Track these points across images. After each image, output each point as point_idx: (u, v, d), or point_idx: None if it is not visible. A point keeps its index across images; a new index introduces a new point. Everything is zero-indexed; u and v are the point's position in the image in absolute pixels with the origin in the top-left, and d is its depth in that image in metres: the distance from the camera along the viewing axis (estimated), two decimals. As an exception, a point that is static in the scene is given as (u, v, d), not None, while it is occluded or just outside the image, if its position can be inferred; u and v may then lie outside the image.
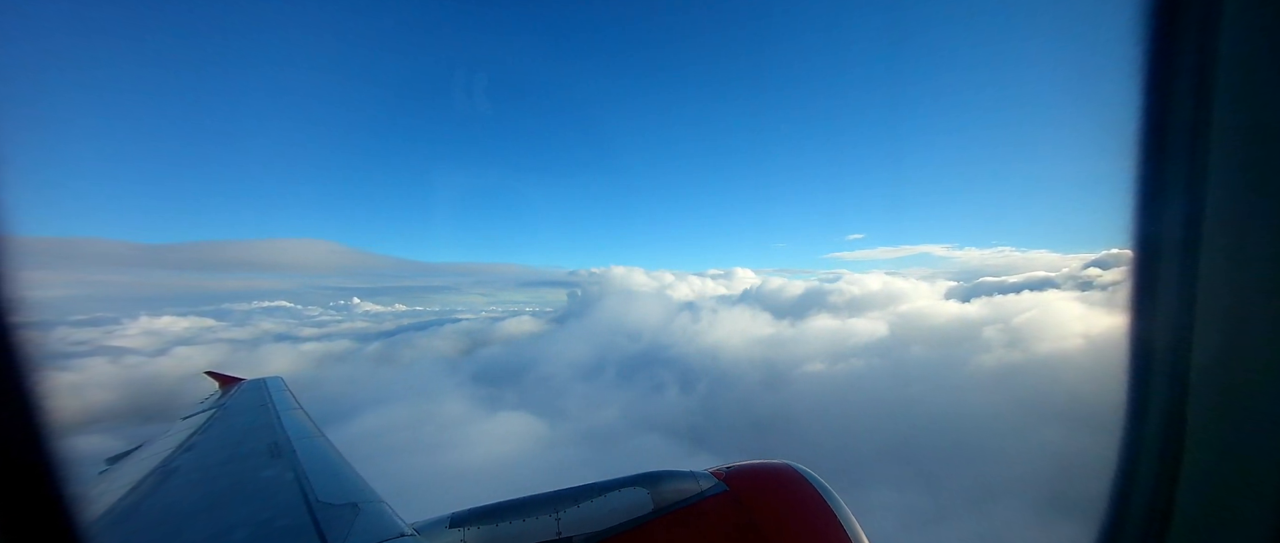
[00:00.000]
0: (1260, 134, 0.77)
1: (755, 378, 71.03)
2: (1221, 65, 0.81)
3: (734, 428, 56.11)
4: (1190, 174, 0.87)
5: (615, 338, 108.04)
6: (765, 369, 73.87)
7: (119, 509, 2.89)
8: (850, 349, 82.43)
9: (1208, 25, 0.82)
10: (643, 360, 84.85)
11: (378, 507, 2.67)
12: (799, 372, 71.55)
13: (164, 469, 3.55)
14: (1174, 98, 0.89)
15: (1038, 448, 47.15)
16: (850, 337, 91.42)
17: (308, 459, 3.48)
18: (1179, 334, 0.91)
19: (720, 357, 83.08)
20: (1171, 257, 0.92)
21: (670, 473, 2.89)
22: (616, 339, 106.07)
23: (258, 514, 2.66)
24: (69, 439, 0.84)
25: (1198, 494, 0.91)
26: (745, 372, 73.97)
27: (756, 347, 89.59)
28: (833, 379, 68.31)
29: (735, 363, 78.69)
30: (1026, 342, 77.20)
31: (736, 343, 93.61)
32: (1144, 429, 1.02)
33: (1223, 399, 0.86)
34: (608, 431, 52.72)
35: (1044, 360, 70.84)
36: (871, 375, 68.49)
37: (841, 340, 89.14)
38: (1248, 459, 0.82)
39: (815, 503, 2.75)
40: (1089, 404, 55.57)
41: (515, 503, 2.72)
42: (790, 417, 57.57)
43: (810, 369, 72.16)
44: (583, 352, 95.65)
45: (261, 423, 4.64)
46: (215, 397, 6.40)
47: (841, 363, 74.29)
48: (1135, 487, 1.04)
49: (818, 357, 78.52)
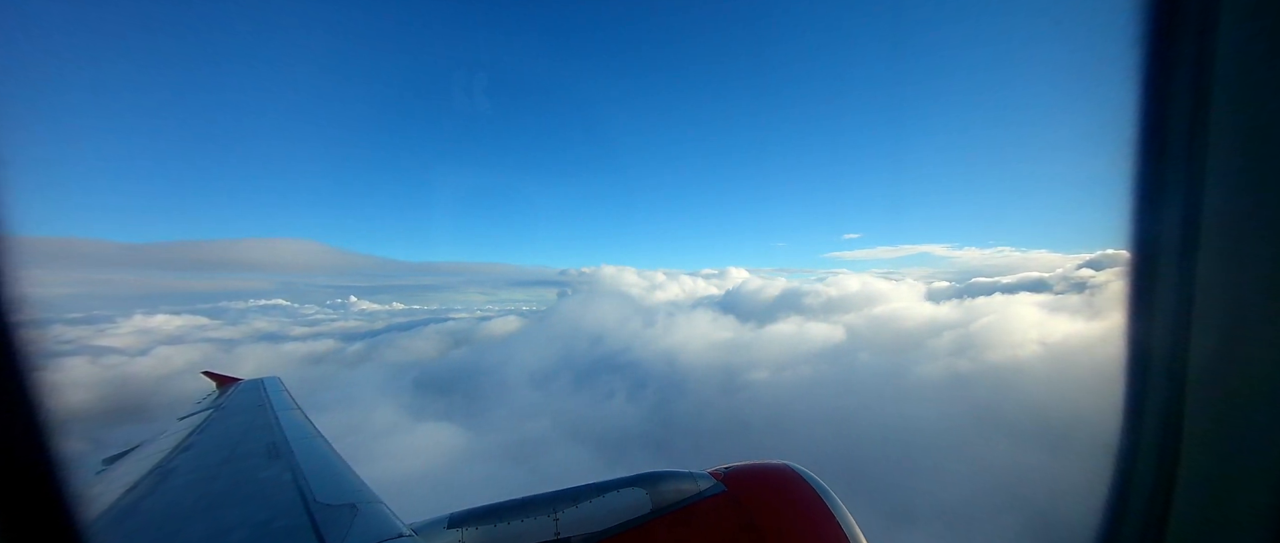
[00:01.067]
0: (1258, 135, 0.76)
1: (700, 386, 70.61)
2: (1219, 67, 0.80)
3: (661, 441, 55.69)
4: (1188, 175, 0.87)
5: (577, 342, 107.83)
6: (712, 377, 73.44)
7: (117, 509, 2.88)
8: (801, 356, 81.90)
9: (1206, 27, 0.81)
10: (597, 366, 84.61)
11: (376, 507, 2.65)
12: (743, 380, 71.08)
13: (162, 470, 3.54)
14: (1172, 99, 0.89)
15: (969, 465, 46.53)
16: (804, 342, 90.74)
17: (306, 460, 3.50)
18: (1177, 335, 0.91)
19: (674, 363, 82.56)
20: (1169, 258, 0.91)
21: (669, 473, 2.91)
22: (578, 343, 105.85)
23: (256, 515, 2.64)
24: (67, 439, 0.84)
25: (1195, 496, 0.91)
26: (692, 379, 73.52)
27: (712, 352, 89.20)
28: (772, 388, 67.83)
29: (686, 369, 78.17)
30: (978, 349, 76.40)
31: (694, 348, 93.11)
32: (1141, 431, 1.01)
33: (1221, 401, 0.85)
34: (531, 443, 52.45)
35: (992, 369, 70.03)
36: (812, 385, 67.91)
37: (795, 346, 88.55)
38: (1245, 461, 0.81)
39: (814, 504, 2.76)
40: (1032, 416, 55.09)
41: (514, 504, 2.72)
42: (721, 427, 57.14)
43: (754, 377, 71.66)
44: (541, 357, 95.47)
45: (259, 423, 4.63)
46: (213, 397, 6.33)
47: (787, 371, 73.76)
48: (1133, 488, 1.03)
49: (767, 364, 78.00)
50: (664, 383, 72.43)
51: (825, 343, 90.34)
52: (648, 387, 70.60)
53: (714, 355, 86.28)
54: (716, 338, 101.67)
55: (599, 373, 79.62)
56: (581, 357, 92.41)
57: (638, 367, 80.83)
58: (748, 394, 66.85)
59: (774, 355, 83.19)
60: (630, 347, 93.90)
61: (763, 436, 52.82)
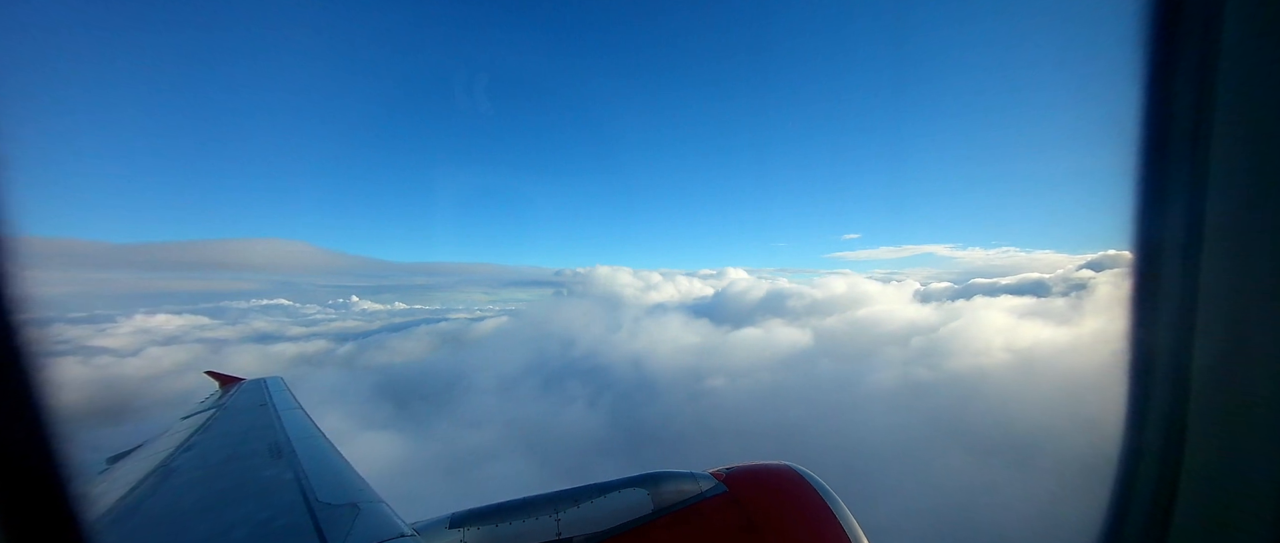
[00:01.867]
0: (1262, 137, 0.76)
1: (658, 393, 70.35)
2: (1223, 68, 0.80)
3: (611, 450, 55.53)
4: (1192, 177, 0.86)
5: (550, 346, 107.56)
6: (672, 384, 73.15)
7: (120, 509, 2.89)
8: (763, 362, 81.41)
9: (1209, 28, 0.81)
10: (561, 373, 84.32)
11: (377, 507, 2.66)
12: (700, 387, 70.81)
13: (164, 469, 3.56)
14: (1175, 101, 0.89)
15: (911, 481, 45.99)
16: (769, 348, 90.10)
17: (308, 459, 3.51)
18: (1180, 336, 0.91)
19: (638, 368, 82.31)
20: (1173, 259, 0.91)
21: (670, 474, 2.92)
22: (550, 348, 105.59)
23: (257, 514, 2.66)
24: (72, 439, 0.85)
25: (1198, 498, 0.91)
26: (652, 386, 73.26)
27: (678, 357, 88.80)
28: (725, 396, 67.48)
29: (647, 376, 77.92)
30: (940, 357, 75.67)
31: (661, 353, 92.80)
32: (1144, 433, 1.01)
33: (1224, 403, 0.85)
34: (471, 455, 52.46)
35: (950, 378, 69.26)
36: (765, 393, 67.48)
37: (760, 352, 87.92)
38: (1249, 463, 0.81)
39: (815, 505, 2.75)
40: (982, 428, 54.29)
41: (515, 504, 2.73)
42: (670, 436, 56.88)
43: (711, 384, 71.35)
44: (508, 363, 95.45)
45: (262, 423, 4.64)
46: (216, 397, 6.41)
47: (745, 378, 73.33)
48: (1135, 490, 1.04)
49: (728, 370, 77.60)
50: (623, 390, 72.34)
51: (790, 348, 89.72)
52: (606, 394, 70.48)
53: (680, 361, 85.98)
54: (686, 343, 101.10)
55: (562, 379, 79.37)
56: (548, 363, 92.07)
57: (600, 373, 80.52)
58: (702, 402, 66.59)
59: (736, 362, 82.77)
60: (596, 352, 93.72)
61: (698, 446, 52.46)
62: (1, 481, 0.78)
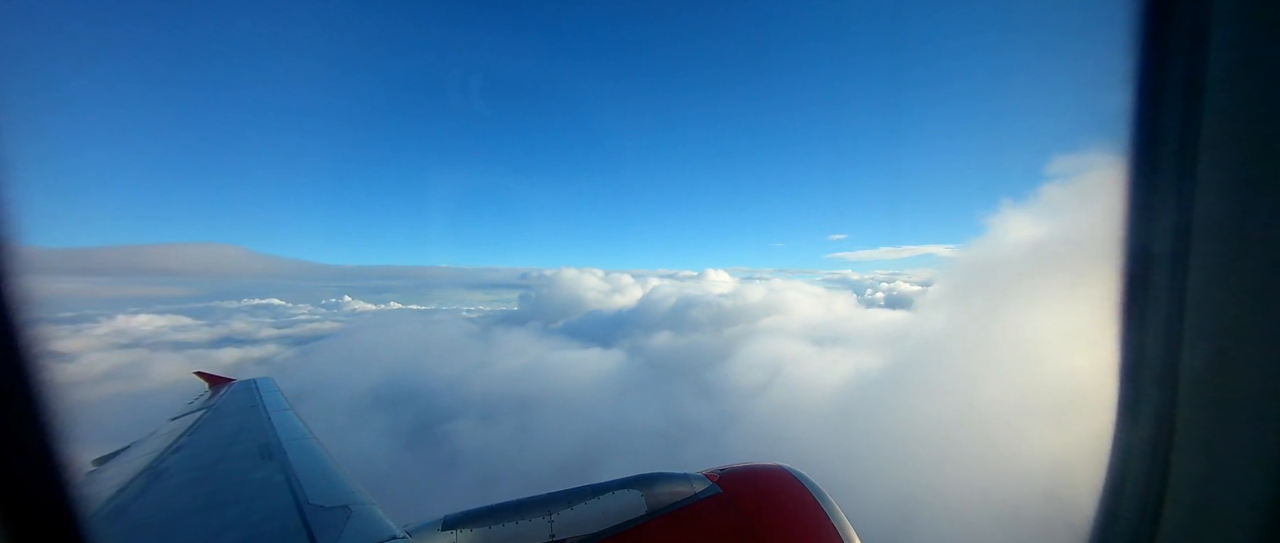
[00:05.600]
0: (1250, 143, 0.77)
1: (454, 417, 67.94)
2: (1211, 75, 0.81)
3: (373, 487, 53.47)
4: (1180, 180, 0.87)
5: (391, 363, 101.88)
6: (472, 409, 70.75)
7: (107, 511, 2.86)
8: (581, 384, 78.59)
9: (1198, 35, 0.82)
10: (410, 393, 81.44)
11: (369, 510, 2.68)
12: (505, 413, 68.32)
13: (153, 471, 3.54)
14: (1164, 107, 0.89)
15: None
16: (586, 368, 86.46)
17: (299, 461, 3.50)
18: (1169, 339, 0.91)
19: (457, 392, 79.37)
20: (1162, 262, 0.92)
21: (664, 475, 2.91)
22: (392, 365, 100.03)
23: (248, 516, 2.64)
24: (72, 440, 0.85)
25: (1187, 499, 0.91)
26: (478, 411, 70.62)
27: (504, 380, 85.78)
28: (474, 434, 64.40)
29: (461, 400, 75.51)
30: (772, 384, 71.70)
31: (494, 373, 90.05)
32: (1133, 436, 1.02)
33: (1213, 404, 0.85)
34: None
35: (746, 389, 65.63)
36: (549, 424, 64.65)
37: (579, 373, 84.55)
38: (1237, 465, 0.81)
39: (808, 505, 2.77)
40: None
41: (509, 505, 2.68)
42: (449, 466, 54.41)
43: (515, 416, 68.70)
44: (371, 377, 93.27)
45: (252, 424, 4.65)
46: (205, 397, 6.37)
47: (566, 404, 70.45)
48: (1125, 491, 1.04)
49: (554, 394, 74.89)
50: (429, 417, 70.05)
51: (608, 370, 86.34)
52: (442, 422, 67.74)
53: (509, 386, 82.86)
54: (513, 364, 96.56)
55: (407, 401, 76.48)
56: (364, 384, 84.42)
57: (424, 397, 76.60)
58: (497, 430, 64.20)
59: (559, 385, 79.95)
60: (436, 375, 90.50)
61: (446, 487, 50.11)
62: (1, 481, 0.78)
